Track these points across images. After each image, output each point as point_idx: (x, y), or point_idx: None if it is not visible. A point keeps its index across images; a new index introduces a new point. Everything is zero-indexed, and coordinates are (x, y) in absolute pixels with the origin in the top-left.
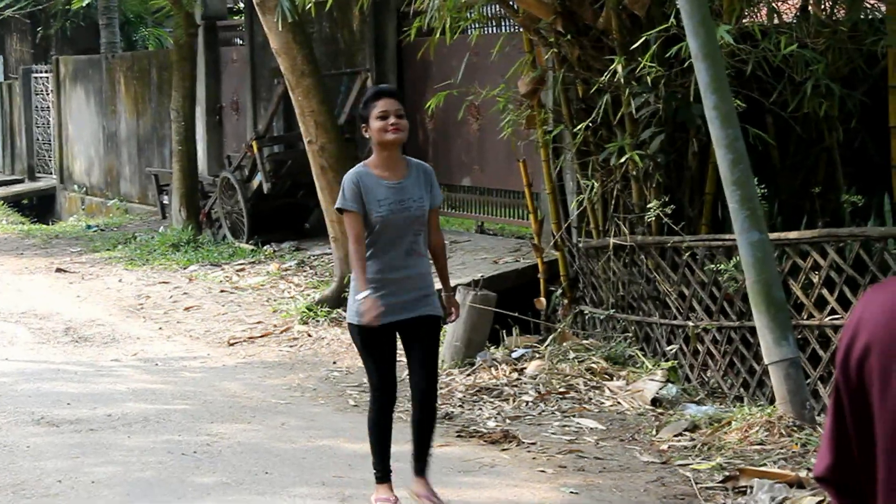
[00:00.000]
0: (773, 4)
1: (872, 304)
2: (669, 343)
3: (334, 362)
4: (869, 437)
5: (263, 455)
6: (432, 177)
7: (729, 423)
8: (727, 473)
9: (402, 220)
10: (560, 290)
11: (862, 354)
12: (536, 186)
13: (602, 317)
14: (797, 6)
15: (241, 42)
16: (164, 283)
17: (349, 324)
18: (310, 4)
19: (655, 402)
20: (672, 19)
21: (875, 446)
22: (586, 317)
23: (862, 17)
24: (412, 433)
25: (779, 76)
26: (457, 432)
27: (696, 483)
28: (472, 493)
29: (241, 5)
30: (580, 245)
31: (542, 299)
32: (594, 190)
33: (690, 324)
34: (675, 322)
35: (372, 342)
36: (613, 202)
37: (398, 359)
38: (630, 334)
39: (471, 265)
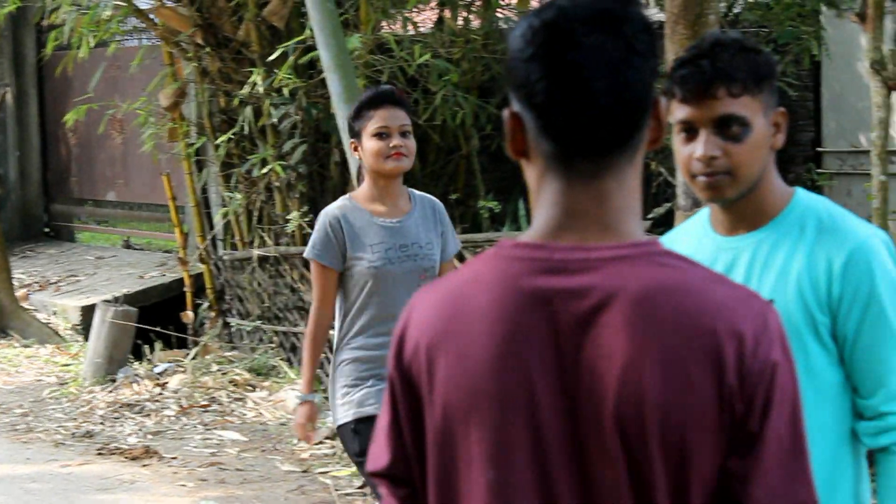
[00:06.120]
0: (409, 15)
1: (421, 302)
2: None
3: None
4: (420, 431)
5: None
6: (444, 215)
7: None
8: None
9: (405, 273)
10: (207, 304)
11: (412, 350)
12: (181, 200)
13: (248, 328)
14: (435, 18)
15: None
16: None
17: (339, 427)
18: None
19: None
20: (309, 31)
21: (426, 440)
22: (233, 329)
23: (495, 26)
24: None
25: (415, 86)
26: (97, 450)
27: (336, 490)
28: None
29: None
30: (225, 257)
31: (189, 313)
32: (238, 202)
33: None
34: None
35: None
36: (258, 214)
37: None
38: (275, 345)
39: (117, 281)
